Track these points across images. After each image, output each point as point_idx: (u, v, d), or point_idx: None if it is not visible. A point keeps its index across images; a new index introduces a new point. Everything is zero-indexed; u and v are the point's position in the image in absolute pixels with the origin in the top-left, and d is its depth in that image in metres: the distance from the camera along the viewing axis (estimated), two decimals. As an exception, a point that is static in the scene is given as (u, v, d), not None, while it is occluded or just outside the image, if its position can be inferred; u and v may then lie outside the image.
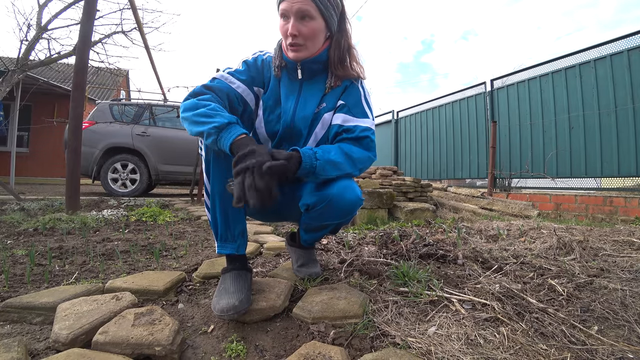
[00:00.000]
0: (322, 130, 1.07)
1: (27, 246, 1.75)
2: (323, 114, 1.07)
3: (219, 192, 0.95)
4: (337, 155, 0.95)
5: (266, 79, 1.09)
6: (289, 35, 0.97)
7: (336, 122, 1.05)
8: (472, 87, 6.10)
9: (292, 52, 1.01)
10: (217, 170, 0.95)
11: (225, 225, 0.98)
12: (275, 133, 1.08)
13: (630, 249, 1.59)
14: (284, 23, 0.98)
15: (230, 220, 0.97)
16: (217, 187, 0.95)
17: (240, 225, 1.00)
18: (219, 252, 1.01)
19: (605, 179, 4.19)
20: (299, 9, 0.95)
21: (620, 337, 0.83)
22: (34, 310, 0.93)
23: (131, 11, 4.79)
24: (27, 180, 8.50)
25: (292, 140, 1.08)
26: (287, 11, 0.96)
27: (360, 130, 1.03)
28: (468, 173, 6.07)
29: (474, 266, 1.33)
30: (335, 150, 0.96)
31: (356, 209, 1.01)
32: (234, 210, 0.97)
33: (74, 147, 2.88)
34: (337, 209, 0.97)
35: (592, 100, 4.20)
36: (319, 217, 1.02)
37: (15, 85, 5.52)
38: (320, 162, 0.90)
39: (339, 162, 0.95)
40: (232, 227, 0.98)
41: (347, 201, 0.96)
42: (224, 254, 1.02)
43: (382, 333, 0.84)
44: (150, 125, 5.17)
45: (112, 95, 11.61)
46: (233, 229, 0.98)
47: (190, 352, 0.80)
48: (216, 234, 1.00)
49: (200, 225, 2.52)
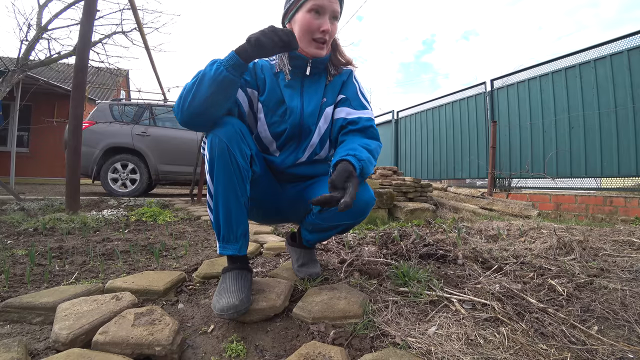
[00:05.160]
0: (325, 124, 1.10)
1: (27, 246, 1.75)
2: (325, 109, 1.10)
3: (222, 193, 0.94)
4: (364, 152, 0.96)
5: (260, 80, 1.09)
6: (322, 32, 1.00)
7: (340, 116, 1.08)
8: (472, 87, 6.10)
9: (317, 49, 1.03)
10: (222, 169, 0.93)
11: (227, 226, 0.96)
12: (281, 133, 1.08)
13: (630, 249, 1.59)
14: (315, 18, 1.00)
15: (233, 221, 0.96)
16: (221, 187, 0.94)
17: (243, 226, 0.99)
18: (220, 253, 1.00)
19: (605, 179, 4.19)
20: (334, 9, 1.01)
21: (620, 337, 0.83)
22: (34, 310, 0.93)
23: (131, 11, 4.79)
24: (27, 180, 8.50)
25: (299, 138, 1.09)
26: (323, 8, 0.99)
27: (365, 120, 1.06)
28: (468, 173, 6.07)
29: (474, 266, 1.33)
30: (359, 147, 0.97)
31: (370, 209, 1.03)
32: (237, 212, 0.96)
33: (74, 147, 2.88)
34: (353, 209, 0.97)
35: (592, 100, 4.20)
36: (333, 217, 1.03)
37: (15, 85, 5.52)
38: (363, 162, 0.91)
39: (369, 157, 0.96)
40: (235, 228, 0.97)
41: (364, 201, 0.98)
42: (226, 254, 1.02)
43: (382, 333, 0.84)
44: (150, 125, 5.17)
45: (112, 95, 11.61)
46: (235, 230, 0.97)
47: (190, 352, 0.79)
48: (218, 234, 0.99)
49: (200, 225, 2.52)
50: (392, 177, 4.11)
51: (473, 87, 6.09)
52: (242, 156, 0.93)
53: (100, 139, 4.86)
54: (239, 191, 0.94)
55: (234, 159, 0.92)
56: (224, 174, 0.93)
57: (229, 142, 0.91)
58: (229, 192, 0.93)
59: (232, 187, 0.93)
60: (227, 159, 0.91)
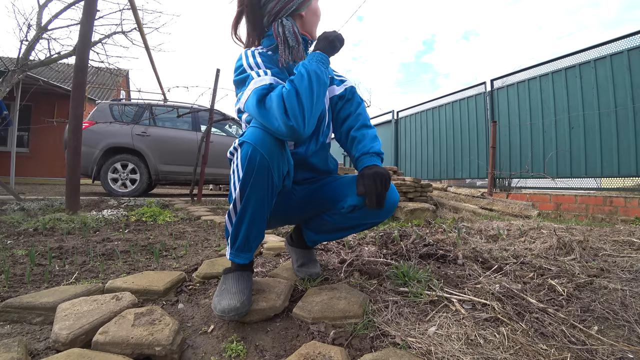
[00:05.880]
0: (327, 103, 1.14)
1: (27, 246, 1.75)
2: None
3: (251, 210, 0.90)
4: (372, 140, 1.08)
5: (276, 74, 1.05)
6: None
7: (334, 94, 1.16)
8: (472, 87, 6.10)
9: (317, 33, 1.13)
10: (257, 188, 0.88)
11: (246, 239, 0.94)
12: None
13: (630, 249, 1.59)
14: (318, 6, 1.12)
15: (253, 235, 0.94)
16: (251, 205, 0.89)
17: (260, 238, 0.98)
18: (231, 259, 0.97)
19: (605, 179, 4.19)
20: None
21: (620, 337, 0.83)
22: (34, 310, 0.93)
23: (131, 11, 4.80)
24: (27, 180, 8.50)
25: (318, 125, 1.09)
26: None
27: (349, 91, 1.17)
28: (468, 173, 6.07)
29: (474, 266, 1.33)
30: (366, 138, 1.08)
31: (395, 207, 1.07)
32: (260, 226, 0.93)
33: (74, 147, 2.88)
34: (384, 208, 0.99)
35: (592, 100, 4.20)
36: (361, 216, 1.05)
37: (15, 85, 5.52)
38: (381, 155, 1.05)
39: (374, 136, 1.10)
40: (253, 240, 0.95)
41: (392, 200, 1.02)
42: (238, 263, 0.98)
43: (382, 333, 0.84)
44: (150, 125, 5.17)
45: (112, 95, 11.60)
46: (252, 242, 0.96)
47: (190, 352, 0.79)
48: (233, 244, 0.95)
49: (200, 225, 2.52)
50: (392, 177, 4.11)
51: (473, 87, 6.08)
52: (278, 175, 0.90)
53: (100, 139, 4.85)
54: (266, 208, 0.93)
55: (270, 178, 0.88)
56: (258, 193, 0.88)
57: (270, 160, 0.86)
58: (257, 210, 0.90)
59: (261, 205, 0.90)
60: (264, 177, 0.87)
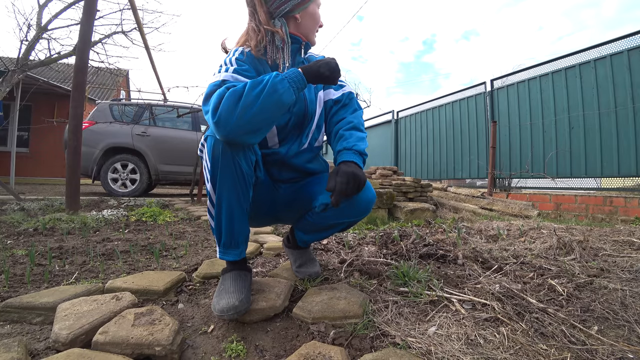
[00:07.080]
0: (320, 108, 1.13)
1: (27, 246, 1.75)
2: (318, 93, 1.13)
3: (226, 201, 0.90)
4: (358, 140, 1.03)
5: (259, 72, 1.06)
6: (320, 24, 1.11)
7: (329, 98, 1.15)
8: (472, 87, 6.10)
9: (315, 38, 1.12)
10: (226, 177, 0.88)
11: (229, 233, 0.94)
12: (285, 124, 1.06)
13: (630, 249, 1.59)
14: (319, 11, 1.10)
15: (235, 229, 0.94)
16: (224, 195, 0.89)
17: (245, 232, 0.97)
18: (220, 258, 0.98)
19: (605, 179, 4.19)
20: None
21: (620, 337, 0.83)
22: (34, 310, 0.93)
23: (131, 11, 4.80)
24: (27, 180, 8.50)
25: (302, 126, 1.09)
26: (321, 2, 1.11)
27: (346, 96, 1.16)
28: (468, 173, 6.07)
29: (474, 266, 1.33)
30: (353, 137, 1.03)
31: (372, 206, 1.06)
32: (240, 219, 0.93)
33: (74, 147, 2.88)
34: (356, 207, 1.01)
35: (592, 100, 4.20)
36: (335, 215, 1.04)
37: (15, 85, 5.52)
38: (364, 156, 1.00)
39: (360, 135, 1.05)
40: (237, 235, 0.95)
41: (366, 199, 1.01)
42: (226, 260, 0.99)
43: (382, 333, 0.84)
44: (150, 125, 5.17)
45: (112, 95, 11.60)
46: (237, 237, 0.95)
47: (190, 352, 0.80)
48: (219, 240, 0.96)
49: (200, 225, 2.52)
50: (392, 177, 4.11)
51: (473, 87, 6.08)
52: (247, 163, 0.90)
53: (100, 139, 4.85)
54: (242, 198, 0.92)
55: (238, 166, 0.88)
56: (228, 182, 0.88)
57: (232, 148, 0.86)
58: (232, 200, 0.90)
59: (235, 194, 0.90)
60: (231, 165, 0.87)
